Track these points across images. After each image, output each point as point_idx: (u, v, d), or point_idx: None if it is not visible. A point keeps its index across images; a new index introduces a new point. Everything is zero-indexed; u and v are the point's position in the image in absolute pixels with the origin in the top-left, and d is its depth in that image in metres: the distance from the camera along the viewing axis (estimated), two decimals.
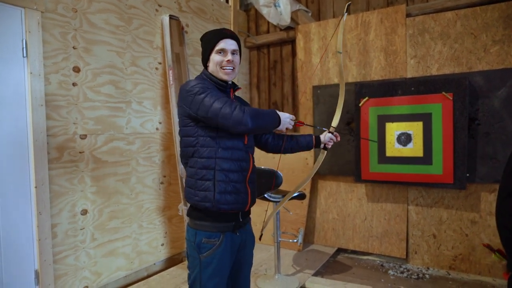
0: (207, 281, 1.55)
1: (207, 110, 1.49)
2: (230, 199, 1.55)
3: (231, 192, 1.56)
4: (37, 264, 2.29)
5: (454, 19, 3.02)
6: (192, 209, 1.63)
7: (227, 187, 1.54)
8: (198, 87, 1.54)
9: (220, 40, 1.60)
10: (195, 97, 1.52)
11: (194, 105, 1.52)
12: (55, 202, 2.38)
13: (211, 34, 1.65)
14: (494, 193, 2.92)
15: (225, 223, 1.58)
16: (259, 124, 1.55)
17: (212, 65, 1.62)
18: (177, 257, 3.36)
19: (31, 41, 2.22)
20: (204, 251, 1.55)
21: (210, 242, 1.55)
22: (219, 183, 1.53)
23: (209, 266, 1.55)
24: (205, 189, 1.54)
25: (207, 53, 1.63)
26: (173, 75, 3.15)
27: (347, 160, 3.48)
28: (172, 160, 3.29)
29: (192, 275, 1.59)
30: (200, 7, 3.66)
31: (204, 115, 1.51)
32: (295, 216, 3.70)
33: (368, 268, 3.27)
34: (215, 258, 1.55)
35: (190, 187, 1.59)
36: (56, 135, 2.39)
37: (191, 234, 1.59)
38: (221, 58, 1.60)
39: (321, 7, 3.98)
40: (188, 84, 1.58)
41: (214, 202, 1.52)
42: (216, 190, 1.52)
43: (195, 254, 1.57)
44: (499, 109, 2.83)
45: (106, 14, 2.71)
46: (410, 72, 3.23)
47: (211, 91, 1.54)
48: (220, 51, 1.60)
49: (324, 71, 3.67)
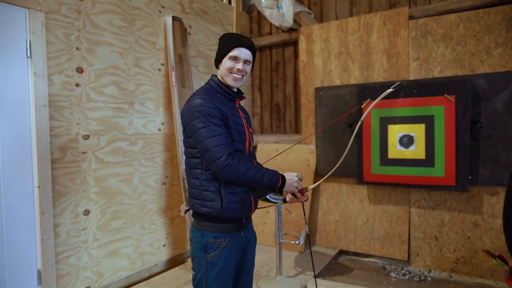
0: (213, 281, 1.55)
1: (197, 142, 1.50)
2: (236, 208, 1.57)
3: (237, 202, 1.57)
4: (39, 264, 2.30)
5: (457, 22, 3.02)
6: (196, 213, 1.63)
7: (233, 197, 1.56)
8: (200, 113, 1.49)
9: (236, 47, 1.59)
10: (193, 121, 1.50)
11: (190, 129, 1.52)
12: (57, 202, 2.39)
13: (228, 38, 1.63)
14: (497, 195, 2.91)
15: (231, 224, 1.60)
16: (238, 183, 1.54)
17: (223, 69, 1.62)
18: (179, 257, 3.36)
19: (35, 42, 2.23)
20: (211, 251, 1.55)
21: (217, 242, 1.56)
22: (226, 194, 1.54)
23: (215, 266, 1.55)
24: (212, 199, 1.54)
25: (221, 56, 1.63)
26: (175, 76, 3.16)
27: (349, 162, 3.48)
28: (175, 160, 3.29)
29: (197, 275, 1.59)
30: (203, 8, 3.67)
31: (196, 144, 1.52)
32: (296, 218, 3.70)
33: (369, 270, 3.27)
34: (222, 258, 1.56)
35: (195, 198, 1.59)
36: (59, 135, 2.40)
37: (197, 235, 1.59)
38: (232, 65, 1.60)
39: (324, 9, 3.98)
40: (193, 102, 1.53)
41: (221, 211, 1.54)
42: (223, 201, 1.54)
43: (201, 255, 1.57)
44: (502, 112, 2.83)
45: (109, 15, 2.72)
46: (413, 74, 3.23)
47: (212, 123, 1.49)
48: (233, 58, 1.59)
49: (326, 73, 3.68)
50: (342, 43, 3.57)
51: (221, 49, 1.63)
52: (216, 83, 1.64)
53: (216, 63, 1.68)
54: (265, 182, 1.55)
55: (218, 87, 1.63)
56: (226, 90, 1.63)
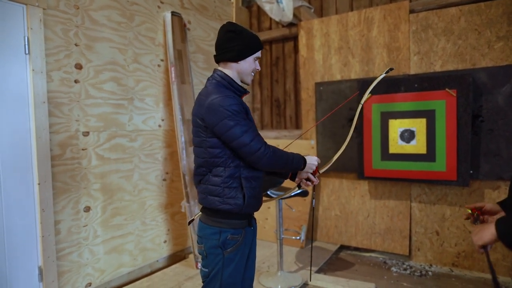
0: (227, 277, 1.58)
1: (232, 139, 1.52)
2: (254, 203, 1.64)
3: (255, 197, 1.63)
4: (40, 261, 2.30)
5: (458, 15, 3.00)
6: (213, 211, 1.62)
7: (253, 193, 1.62)
8: (231, 111, 1.51)
9: (261, 49, 1.68)
10: (223, 120, 1.50)
11: (220, 128, 1.52)
12: (58, 199, 2.39)
13: (255, 38, 1.66)
14: (498, 190, 2.90)
15: (244, 220, 1.65)
16: (276, 168, 1.63)
17: (247, 67, 1.65)
18: (180, 254, 3.37)
19: (33, 38, 2.22)
20: (229, 247, 1.59)
21: (234, 238, 1.60)
22: (247, 190, 1.59)
23: (232, 262, 1.59)
24: (234, 196, 1.57)
25: (247, 54, 1.63)
26: (175, 72, 3.15)
27: (350, 157, 3.47)
28: (175, 157, 3.29)
29: (212, 272, 1.60)
30: (202, 3, 3.65)
31: (228, 142, 1.54)
32: (297, 213, 3.70)
33: (371, 265, 3.27)
34: (238, 254, 1.61)
35: (215, 196, 1.59)
36: (59, 132, 2.40)
37: (212, 232, 1.60)
38: (255, 66, 1.68)
39: (324, 4, 3.95)
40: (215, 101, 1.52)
41: (243, 207, 1.58)
42: (246, 197, 1.58)
43: (218, 251, 1.58)
44: (503, 106, 2.81)
45: (108, 10, 2.70)
46: (413, 69, 3.21)
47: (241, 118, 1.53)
48: (257, 59, 1.68)
49: (326, 67, 3.66)
50: (342, 38, 3.55)
51: (248, 48, 1.63)
52: (226, 79, 1.62)
53: (234, 57, 1.62)
54: (295, 164, 1.67)
55: (228, 83, 1.62)
56: (236, 86, 1.64)
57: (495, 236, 1.14)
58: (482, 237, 1.17)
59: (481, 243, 1.18)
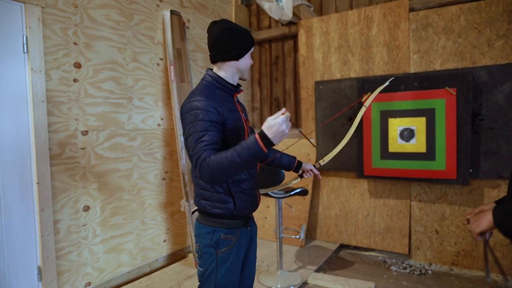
0: (222, 277, 1.56)
1: (189, 147, 1.46)
2: (247, 206, 1.60)
3: (247, 200, 1.60)
4: (39, 260, 2.29)
5: (458, 13, 2.99)
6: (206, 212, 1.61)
7: (243, 196, 1.58)
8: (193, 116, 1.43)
9: (254, 45, 1.68)
10: (187, 126, 1.45)
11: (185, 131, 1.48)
12: (57, 199, 2.38)
13: (248, 35, 1.63)
14: (498, 189, 2.90)
15: (240, 220, 1.61)
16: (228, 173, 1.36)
17: (246, 63, 1.63)
18: (179, 253, 3.36)
19: (31, 37, 2.21)
20: (222, 247, 1.56)
21: (228, 238, 1.57)
22: (236, 195, 1.55)
23: (225, 262, 1.56)
24: (224, 201, 1.54)
25: (246, 51, 1.62)
26: (174, 71, 3.14)
27: (350, 156, 3.46)
28: (174, 156, 3.28)
29: (206, 272, 1.59)
30: (202, 2, 3.63)
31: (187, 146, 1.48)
32: (297, 212, 3.70)
33: (370, 264, 3.27)
34: (232, 254, 1.57)
35: (206, 199, 1.57)
36: (58, 131, 2.39)
37: (206, 231, 1.58)
38: (251, 61, 1.67)
39: (323, 2, 3.94)
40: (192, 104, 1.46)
41: (234, 211, 1.55)
42: (236, 202, 1.55)
43: (212, 251, 1.56)
44: (503, 105, 2.81)
45: (106, 9, 2.69)
46: (413, 67, 3.21)
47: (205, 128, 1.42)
48: (251, 54, 1.70)
49: (326, 66, 3.65)
50: (342, 36, 3.54)
51: (246, 45, 1.61)
52: (215, 79, 1.59)
53: (240, 56, 1.59)
54: (250, 151, 1.31)
55: (217, 82, 1.59)
56: (226, 84, 1.60)
57: (492, 223, 1.15)
58: (479, 225, 1.20)
59: (478, 230, 1.20)
